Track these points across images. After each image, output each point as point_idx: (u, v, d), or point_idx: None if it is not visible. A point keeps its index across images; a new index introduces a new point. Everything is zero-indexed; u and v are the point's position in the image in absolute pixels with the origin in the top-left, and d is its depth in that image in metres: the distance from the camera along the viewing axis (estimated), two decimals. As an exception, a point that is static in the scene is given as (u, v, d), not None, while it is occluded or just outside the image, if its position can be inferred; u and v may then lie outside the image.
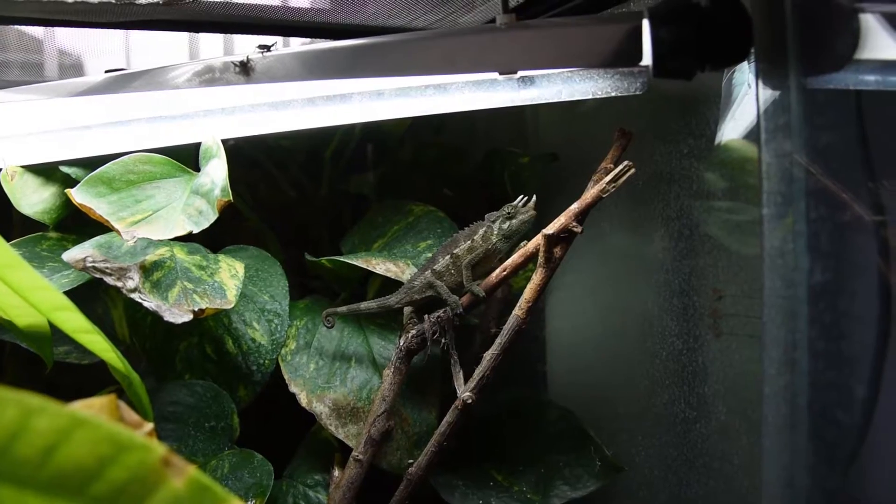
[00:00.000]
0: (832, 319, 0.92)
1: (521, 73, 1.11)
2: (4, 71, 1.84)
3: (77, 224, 1.49)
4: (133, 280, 1.26)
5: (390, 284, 1.44)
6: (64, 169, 1.45)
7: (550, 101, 1.15)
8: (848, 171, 1.05)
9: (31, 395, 0.60)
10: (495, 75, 1.11)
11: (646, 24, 1.03)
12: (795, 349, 0.94)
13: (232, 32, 1.61)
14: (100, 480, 0.61)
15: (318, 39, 1.62)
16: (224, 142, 1.30)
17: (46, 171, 1.48)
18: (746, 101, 1.23)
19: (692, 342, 1.32)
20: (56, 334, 1.31)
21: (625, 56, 0.97)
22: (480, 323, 1.52)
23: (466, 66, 1.04)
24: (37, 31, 1.69)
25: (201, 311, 1.22)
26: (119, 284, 1.25)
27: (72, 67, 1.85)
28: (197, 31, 1.55)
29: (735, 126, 1.25)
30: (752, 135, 1.18)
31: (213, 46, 1.85)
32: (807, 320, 0.93)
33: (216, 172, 1.25)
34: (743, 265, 1.26)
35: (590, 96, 1.14)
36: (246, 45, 1.74)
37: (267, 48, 1.17)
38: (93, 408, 0.87)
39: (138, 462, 0.61)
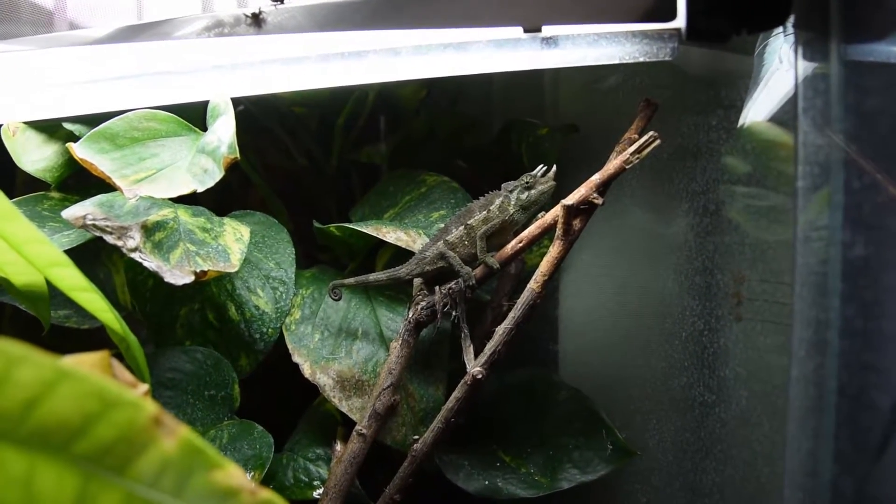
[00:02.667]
0: (871, 296, 0.86)
1: (545, 32, 1.06)
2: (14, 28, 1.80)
3: (80, 184, 1.45)
4: (134, 239, 1.21)
5: (400, 256, 1.39)
6: (67, 126, 1.41)
7: (575, 64, 1.10)
8: (890, 149, 1.00)
9: (15, 342, 0.55)
10: (518, 33, 1.06)
11: (681, -19, 0.97)
12: (827, 329, 0.89)
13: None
14: (85, 438, 0.56)
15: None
16: (235, 106, 1.25)
17: (50, 128, 1.44)
18: (776, 79, 1.17)
19: (714, 322, 1.27)
20: (56, 298, 1.27)
21: (658, 12, 0.92)
22: (492, 299, 1.47)
23: (489, 19, 0.99)
24: (47, 2, 1.64)
25: (203, 273, 1.18)
26: (119, 243, 1.21)
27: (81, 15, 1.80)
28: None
29: (764, 107, 1.20)
30: (784, 113, 1.13)
31: (226, 2, 1.80)
32: (840, 297, 0.88)
33: (223, 130, 1.20)
34: (768, 248, 1.20)
35: (616, 61, 1.09)
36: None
37: (280, 0, 1.12)
38: (84, 364, 0.83)
39: (127, 420, 0.57)
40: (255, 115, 1.63)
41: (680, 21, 1.00)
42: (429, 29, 1.03)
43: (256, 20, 1.08)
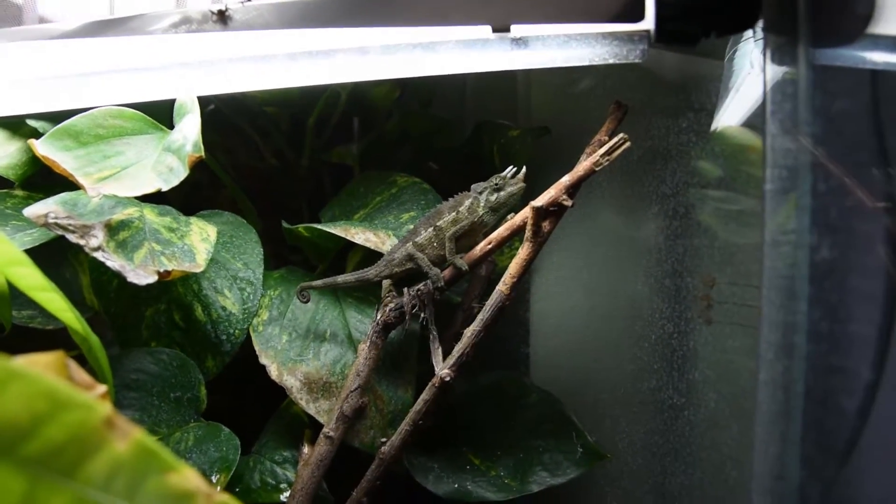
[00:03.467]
0: (837, 299, 0.86)
1: (515, 32, 1.05)
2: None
3: (46, 182, 1.43)
4: (97, 238, 1.19)
5: (371, 258, 1.38)
6: (31, 122, 1.39)
7: (544, 65, 1.09)
8: (857, 153, 1.00)
9: None
10: (488, 33, 1.05)
11: (650, -18, 0.97)
12: (795, 332, 0.88)
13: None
14: (34, 439, 0.55)
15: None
16: (204, 105, 1.23)
17: (13, 125, 1.41)
18: (747, 84, 1.17)
19: (683, 325, 1.26)
20: (19, 298, 1.25)
21: (626, 13, 0.91)
22: (462, 301, 1.46)
23: (457, 18, 0.98)
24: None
25: (167, 272, 1.16)
26: (82, 242, 1.18)
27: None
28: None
29: (735, 112, 1.20)
30: (755, 117, 1.13)
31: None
32: (808, 301, 0.88)
33: (189, 128, 1.18)
34: (737, 251, 1.20)
35: (586, 62, 1.08)
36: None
37: (247, -2, 1.11)
38: (37, 364, 0.81)
39: (78, 422, 0.55)
40: (225, 114, 1.61)
41: (649, 23, 0.99)
42: (396, 27, 1.02)
43: (223, 17, 1.07)
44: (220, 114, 1.60)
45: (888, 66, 1.04)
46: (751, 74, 1.16)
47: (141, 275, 1.15)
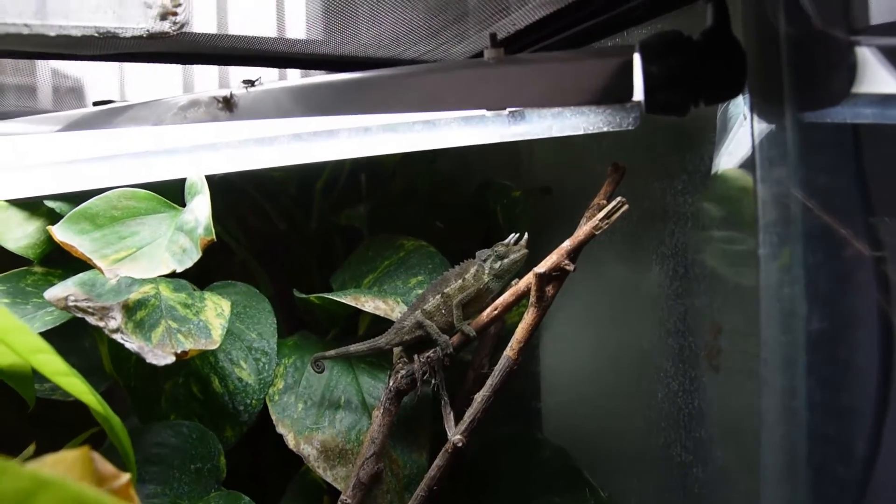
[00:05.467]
0: (831, 370, 0.88)
1: (510, 109, 1.09)
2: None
3: (63, 257, 1.47)
4: (115, 320, 1.23)
5: (381, 320, 1.41)
6: (49, 203, 1.43)
7: (541, 136, 1.13)
8: (845, 206, 1.02)
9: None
10: (484, 111, 1.09)
11: (637, 58, 1.00)
12: (794, 398, 0.90)
13: (221, 64, 1.59)
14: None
15: (310, 70, 1.61)
16: (212, 174, 1.27)
17: (31, 206, 1.46)
18: (742, 132, 1.20)
19: (688, 384, 1.28)
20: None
21: (616, 93, 0.95)
22: (473, 359, 1.49)
23: (454, 103, 1.02)
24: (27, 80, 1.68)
25: (185, 353, 1.19)
26: (101, 324, 1.22)
27: (68, 92, 1.83)
28: (185, 63, 1.53)
29: (731, 156, 1.22)
30: (748, 165, 1.15)
31: (207, 72, 1.83)
32: (805, 368, 0.90)
33: (200, 210, 1.22)
34: (741, 298, 1.22)
35: (581, 132, 1.12)
36: (241, 73, 1.73)
37: (251, 83, 1.15)
38: (64, 462, 0.84)
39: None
40: (233, 180, 1.65)
41: (639, 95, 1.03)
42: (393, 113, 1.06)
43: (228, 104, 1.10)
44: (228, 180, 1.64)
45: (869, 120, 1.07)
46: (745, 125, 1.19)
47: (159, 355, 1.19)
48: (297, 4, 1.36)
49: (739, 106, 1.17)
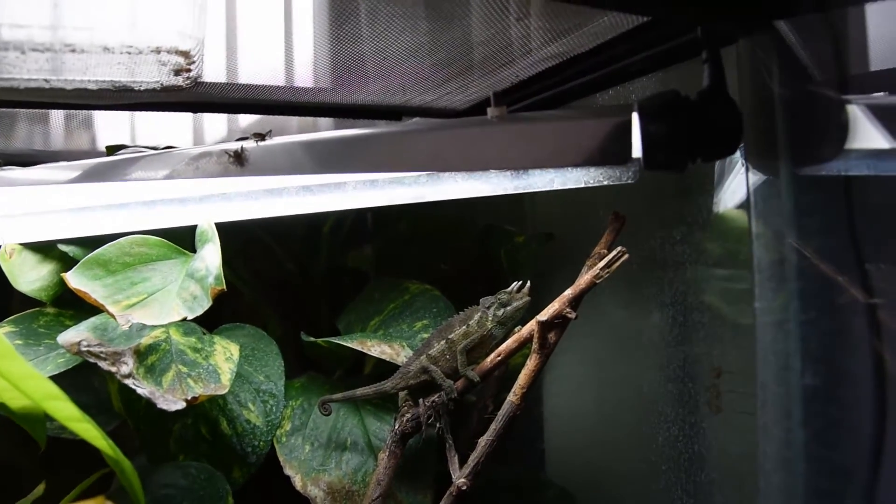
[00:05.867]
0: (825, 425, 0.91)
1: (512, 168, 1.13)
2: (10, 134, 1.85)
3: (74, 299, 1.50)
4: (127, 365, 1.26)
5: (386, 362, 1.43)
6: (61, 247, 1.46)
7: (543, 189, 1.16)
8: (839, 255, 1.05)
9: None
10: (488, 169, 1.12)
11: (636, 117, 1.03)
12: (789, 448, 0.93)
13: (231, 112, 1.62)
14: None
15: (319, 118, 1.65)
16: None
17: (44, 249, 1.48)
18: (739, 179, 1.24)
19: (688, 429, 1.31)
20: (50, 412, 1.31)
21: (615, 153, 0.98)
22: (477, 401, 1.51)
23: (459, 164, 1.05)
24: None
25: (195, 398, 1.22)
26: (114, 370, 1.25)
27: (78, 126, 1.86)
28: (197, 112, 1.57)
29: (729, 199, 1.26)
30: (745, 209, 1.19)
31: (217, 119, 1.87)
32: (800, 420, 0.92)
33: (210, 258, 1.26)
34: (740, 338, 1.25)
35: (582, 185, 1.15)
36: (250, 120, 1.77)
37: (262, 137, 1.18)
38: (84, 511, 0.87)
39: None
40: (242, 224, 1.68)
41: (637, 153, 1.06)
42: (400, 173, 1.09)
43: (238, 159, 1.14)
44: (237, 223, 1.67)
45: (862, 173, 1.10)
46: (741, 174, 1.23)
47: (170, 400, 1.22)
48: (305, 55, 1.39)
49: (737, 155, 1.20)
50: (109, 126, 1.80)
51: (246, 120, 1.82)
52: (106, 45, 1.08)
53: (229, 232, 1.28)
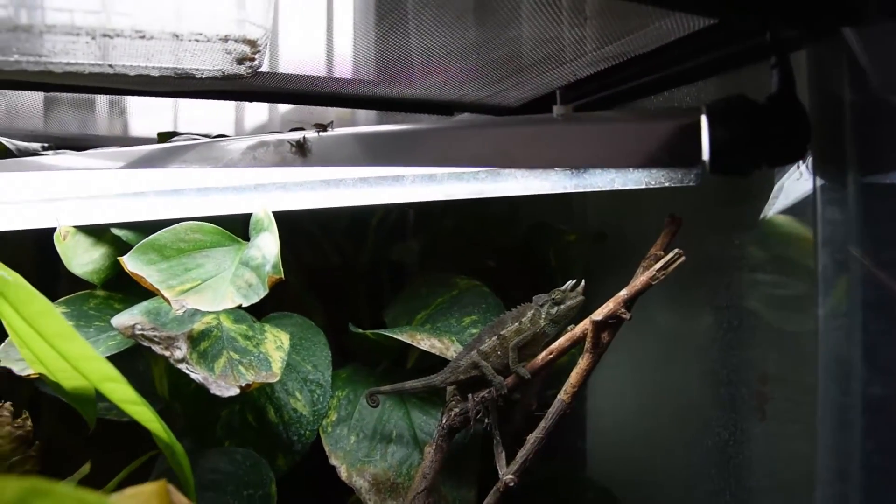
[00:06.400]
0: (891, 436, 0.90)
1: (575, 166, 1.12)
2: (54, 117, 1.87)
3: (123, 282, 1.51)
4: (181, 350, 1.27)
5: (429, 354, 1.44)
6: (115, 231, 1.47)
7: (603, 189, 1.16)
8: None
9: (86, 492, 0.60)
10: (550, 165, 1.12)
11: (703, 120, 1.03)
12: (850, 459, 0.92)
13: (282, 102, 1.63)
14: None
15: (364, 109, 1.65)
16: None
17: (97, 232, 1.50)
18: (799, 184, 1.23)
19: (739, 434, 1.30)
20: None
21: (682, 156, 0.98)
22: (522, 398, 1.51)
23: (522, 160, 1.05)
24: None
25: (248, 385, 1.23)
26: (167, 354, 1.26)
27: (121, 114, 1.87)
28: (250, 101, 1.57)
29: (787, 204, 1.25)
30: (804, 216, 1.18)
31: (259, 107, 1.88)
32: (862, 432, 0.92)
33: (268, 247, 1.26)
34: (792, 346, 1.24)
35: (643, 186, 1.15)
36: (287, 108, 1.78)
37: (323, 127, 1.19)
38: (143, 495, 0.88)
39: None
40: (288, 212, 1.69)
41: (704, 156, 1.05)
42: (460, 168, 1.09)
43: (301, 149, 1.14)
44: (283, 213, 1.68)
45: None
46: (800, 179, 1.22)
47: (223, 386, 1.23)
48: (363, 49, 1.40)
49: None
50: (151, 111, 1.82)
51: (284, 109, 1.83)
52: (175, 32, 1.09)
53: (277, 221, 1.29)
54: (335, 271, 1.80)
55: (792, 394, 1.23)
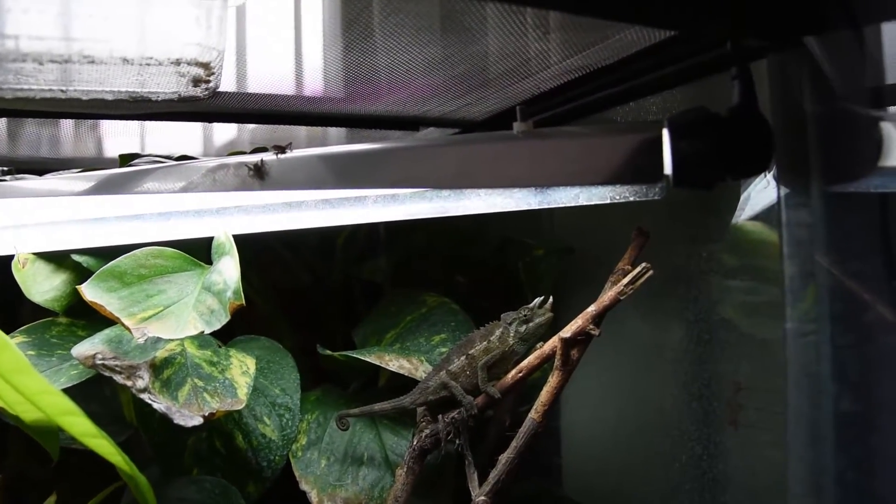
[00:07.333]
0: (863, 452, 0.89)
1: (538, 185, 1.11)
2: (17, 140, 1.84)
3: (87, 308, 1.48)
4: (143, 379, 1.24)
5: (401, 375, 1.42)
6: (75, 257, 1.44)
7: (567, 205, 1.15)
8: (871, 273, 1.03)
9: None
10: (511, 183, 1.11)
11: (665, 134, 1.02)
12: (823, 475, 0.91)
13: (246, 122, 1.61)
14: None
15: (335, 127, 1.63)
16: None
17: (57, 259, 1.47)
18: (766, 193, 1.22)
19: (713, 448, 1.29)
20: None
21: (645, 171, 0.96)
22: (495, 414, 1.49)
23: (484, 180, 1.03)
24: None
25: (212, 414, 1.20)
26: (129, 384, 1.23)
27: (87, 134, 1.84)
28: (212, 122, 1.55)
29: (755, 214, 1.24)
30: (771, 222, 1.17)
31: (227, 126, 1.86)
32: (834, 446, 0.91)
33: (229, 272, 1.24)
34: (763, 353, 1.23)
35: (607, 201, 1.13)
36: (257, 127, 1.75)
37: (282, 149, 1.16)
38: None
39: None
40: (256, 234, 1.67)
41: (667, 169, 1.04)
42: (424, 189, 1.08)
43: (259, 172, 1.12)
44: (251, 234, 1.65)
45: (894, 190, 1.08)
46: (767, 188, 1.21)
47: (186, 416, 1.20)
48: (321, 66, 1.38)
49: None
50: (119, 133, 1.79)
51: (252, 125, 1.81)
52: (125, 57, 1.07)
53: (242, 241, 1.27)
54: (306, 291, 1.78)
55: (765, 404, 1.22)
